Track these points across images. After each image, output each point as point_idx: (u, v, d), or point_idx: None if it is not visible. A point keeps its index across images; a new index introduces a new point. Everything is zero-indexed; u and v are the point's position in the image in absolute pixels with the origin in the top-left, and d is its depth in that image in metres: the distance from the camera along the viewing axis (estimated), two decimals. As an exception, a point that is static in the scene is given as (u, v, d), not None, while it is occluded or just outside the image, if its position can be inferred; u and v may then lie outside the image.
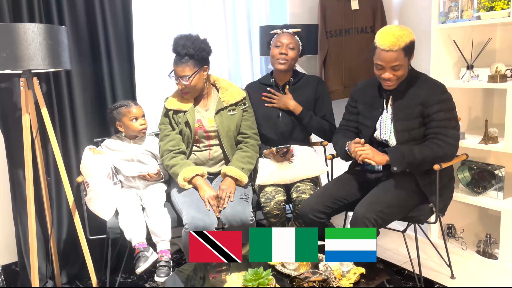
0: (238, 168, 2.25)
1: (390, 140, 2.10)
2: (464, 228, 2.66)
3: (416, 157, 1.95)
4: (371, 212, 1.90)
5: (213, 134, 2.35)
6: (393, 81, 2.01)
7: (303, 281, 1.53)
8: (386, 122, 2.11)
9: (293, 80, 2.50)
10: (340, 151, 2.20)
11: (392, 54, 1.93)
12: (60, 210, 2.46)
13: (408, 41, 1.94)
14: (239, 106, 2.39)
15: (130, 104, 2.32)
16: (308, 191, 2.24)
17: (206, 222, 2.02)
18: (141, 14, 2.58)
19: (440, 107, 1.97)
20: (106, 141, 2.38)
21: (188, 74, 2.24)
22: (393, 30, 1.95)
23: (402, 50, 1.93)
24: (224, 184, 2.20)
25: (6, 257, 2.48)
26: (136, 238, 2.07)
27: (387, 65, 1.96)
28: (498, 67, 2.28)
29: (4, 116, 2.24)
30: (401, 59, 1.94)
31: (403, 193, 2.00)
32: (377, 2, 2.92)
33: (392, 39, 1.92)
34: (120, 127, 2.34)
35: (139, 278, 2.50)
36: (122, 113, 2.30)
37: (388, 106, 2.11)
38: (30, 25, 1.90)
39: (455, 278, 2.35)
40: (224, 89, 2.40)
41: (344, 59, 3.00)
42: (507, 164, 2.51)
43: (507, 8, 2.18)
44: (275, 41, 2.45)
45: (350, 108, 2.30)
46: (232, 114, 2.36)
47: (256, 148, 2.41)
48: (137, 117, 2.32)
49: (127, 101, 2.36)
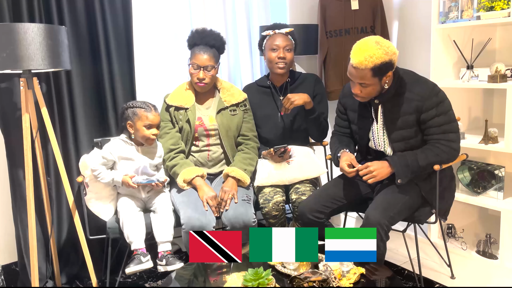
0: (240, 169, 2.26)
1: (386, 150, 2.07)
2: (464, 228, 2.65)
3: (420, 164, 1.91)
4: (384, 218, 1.87)
5: (213, 132, 2.35)
6: (360, 97, 1.94)
7: (303, 281, 1.53)
8: (378, 133, 2.06)
9: (290, 80, 2.49)
10: (333, 156, 2.18)
11: (358, 71, 1.84)
12: (60, 210, 2.46)
13: (378, 62, 1.80)
14: (240, 107, 2.40)
15: (149, 109, 2.16)
16: (307, 192, 2.24)
17: (203, 222, 2.02)
18: (141, 14, 2.58)
19: (436, 111, 1.90)
20: (112, 146, 2.17)
21: (213, 64, 2.28)
22: (366, 47, 1.81)
23: (370, 70, 1.81)
24: (227, 186, 2.20)
25: (6, 257, 2.48)
26: (136, 243, 2.05)
27: (354, 79, 1.89)
28: (498, 67, 2.28)
29: (4, 116, 2.24)
30: (368, 78, 1.84)
31: (410, 197, 1.98)
32: (377, 2, 2.91)
33: (361, 58, 1.80)
34: (130, 128, 2.17)
35: (139, 278, 2.50)
36: (138, 116, 2.13)
37: (378, 116, 2.03)
38: (30, 25, 1.90)
39: (455, 278, 2.35)
40: (226, 90, 2.40)
41: (344, 59, 3.00)
42: (507, 164, 2.51)
43: (507, 8, 2.18)
44: (269, 44, 2.41)
45: (341, 114, 2.24)
46: (233, 115, 2.37)
47: (256, 150, 2.41)
48: (152, 125, 2.15)
49: (147, 103, 2.18)
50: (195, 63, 2.26)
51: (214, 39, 2.32)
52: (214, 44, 2.31)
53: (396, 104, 1.96)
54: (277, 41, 2.39)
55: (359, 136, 2.14)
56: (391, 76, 1.91)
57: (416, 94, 1.92)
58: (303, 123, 2.47)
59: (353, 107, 2.14)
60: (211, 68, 2.28)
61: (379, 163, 1.96)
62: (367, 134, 2.10)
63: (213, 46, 2.30)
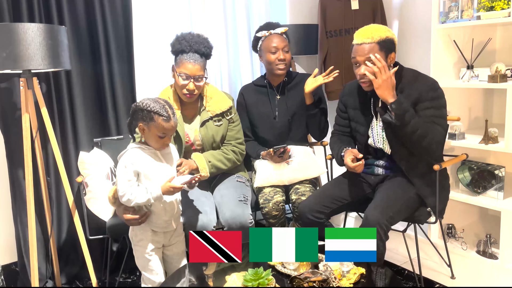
0: (205, 158, 2.14)
1: (385, 148, 2.07)
2: (464, 228, 2.65)
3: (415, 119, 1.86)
4: (383, 217, 1.87)
5: (199, 147, 2.25)
6: (368, 80, 1.92)
7: (303, 281, 1.53)
8: (377, 130, 2.06)
9: (287, 80, 2.48)
10: (336, 156, 2.16)
11: (364, 46, 1.89)
12: (60, 210, 2.46)
13: (383, 36, 1.89)
14: (225, 117, 2.25)
15: (169, 119, 1.76)
16: (307, 193, 2.23)
17: (204, 221, 2.01)
18: (141, 14, 2.58)
19: (430, 104, 1.91)
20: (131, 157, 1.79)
21: (203, 74, 2.11)
22: (369, 27, 1.93)
23: (376, 43, 1.88)
24: (186, 161, 2.05)
25: (6, 257, 2.48)
26: None
27: (361, 58, 1.91)
28: (498, 67, 2.28)
29: (4, 116, 2.24)
30: (376, 51, 1.88)
31: (409, 196, 1.98)
32: (377, 2, 2.92)
33: (367, 34, 1.90)
34: (142, 131, 1.80)
35: (139, 278, 2.50)
36: (156, 123, 1.76)
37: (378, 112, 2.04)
38: (30, 25, 1.90)
39: (455, 278, 2.35)
40: (209, 98, 2.22)
41: (344, 59, 3.00)
42: (507, 164, 2.51)
43: (507, 8, 2.18)
44: (267, 45, 2.37)
45: (341, 113, 2.24)
46: (218, 125, 2.22)
47: (238, 156, 2.29)
48: (167, 134, 1.81)
49: (166, 108, 1.77)
50: (184, 73, 2.06)
51: (205, 46, 2.12)
52: (204, 52, 2.12)
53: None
54: (275, 43, 2.36)
55: (358, 133, 2.14)
56: (394, 58, 1.95)
57: (415, 89, 1.94)
58: (301, 122, 2.47)
59: (353, 105, 2.15)
60: (202, 78, 2.10)
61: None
62: (367, 131, 2.10)
63: (203, 54, 2.11)
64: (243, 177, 2.36)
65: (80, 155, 2.22)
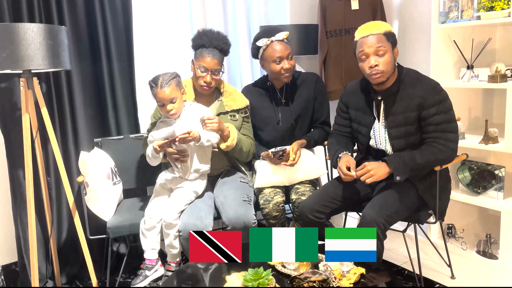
0: (237, 131, 2.25)
1: (386, 149, 2.07)
2: (464, 228, 2.66)
3: (418, 162, 1.90)
4: (380, 216, 1.86)
5: None
6: (380, 71, 1.90)
7: (303, 281, 1.53)
8: (379, 130, 2.05)
9: (291, 81, 2.43)
10: (332, 158, 2.15)
11: (373, 37, 1.89)
12: (60, 210, 2.46)
13: (388, 29, 1.91)
14: (240, 114, 2.34)
15: (154, 85, 2.05)
16: (307, 193, 2.23)
17: (199, 227, 2.01)
18: (141, 14, 2.58)
19: (437, 109, 1.90)
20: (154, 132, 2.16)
21: (220, 68, 2.23)
22: (369, 23, 1.96)
23: (383, 35, 1.89)
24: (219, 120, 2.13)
25: (6, 257, 2.48)
26: (149, 254, 2.10)
27: (370, 49, 1.89)
28: (498, 67, 2.28)
29: (4, 116, 2.24)
30: (384, 42, 1.89)
31: (409, 197, 1.98)
32: (377, 2, 2.91)
33: (370, 26, 1.92)
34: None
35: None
36: (153, 95, 2.08)
37: (380, 113, 2.03)
38: (30, 25, 1.90)
39: (455, 278, 2.35)
40: (228, 94, 2.34)
41: (344, 59, 3.00)
42: (507, 164, 2.51)
43: (507, 8, 2.19)
44: (270, 55, 2.27)
45: (342, 113, 2.22)
46: (232, 120, 2.31)
47: (253, 149, 2.38)
48: (164, 103, 2.06)
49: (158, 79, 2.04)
50: (203, 66, 2.19)
51: (224, 43, 2.25)
52: (223, 48, 2.25)
53: (398, 100, 1.97)
54: (279, 52, 2.26)
55: (360, 134, 2.14)
56: (397, 53, 1.96)
57: (418, 91, 1.93)
58: (304, 125, 2.46)
59: (355, 105, 2.13)
60: (218, 72, 2.23)
61: (376, 163, 1.96)
62: (369, 132, 2.09)
63: (221, 50, 2.24)
64: (246, 177, 2.36)
65: (81, 155, 2.22)
